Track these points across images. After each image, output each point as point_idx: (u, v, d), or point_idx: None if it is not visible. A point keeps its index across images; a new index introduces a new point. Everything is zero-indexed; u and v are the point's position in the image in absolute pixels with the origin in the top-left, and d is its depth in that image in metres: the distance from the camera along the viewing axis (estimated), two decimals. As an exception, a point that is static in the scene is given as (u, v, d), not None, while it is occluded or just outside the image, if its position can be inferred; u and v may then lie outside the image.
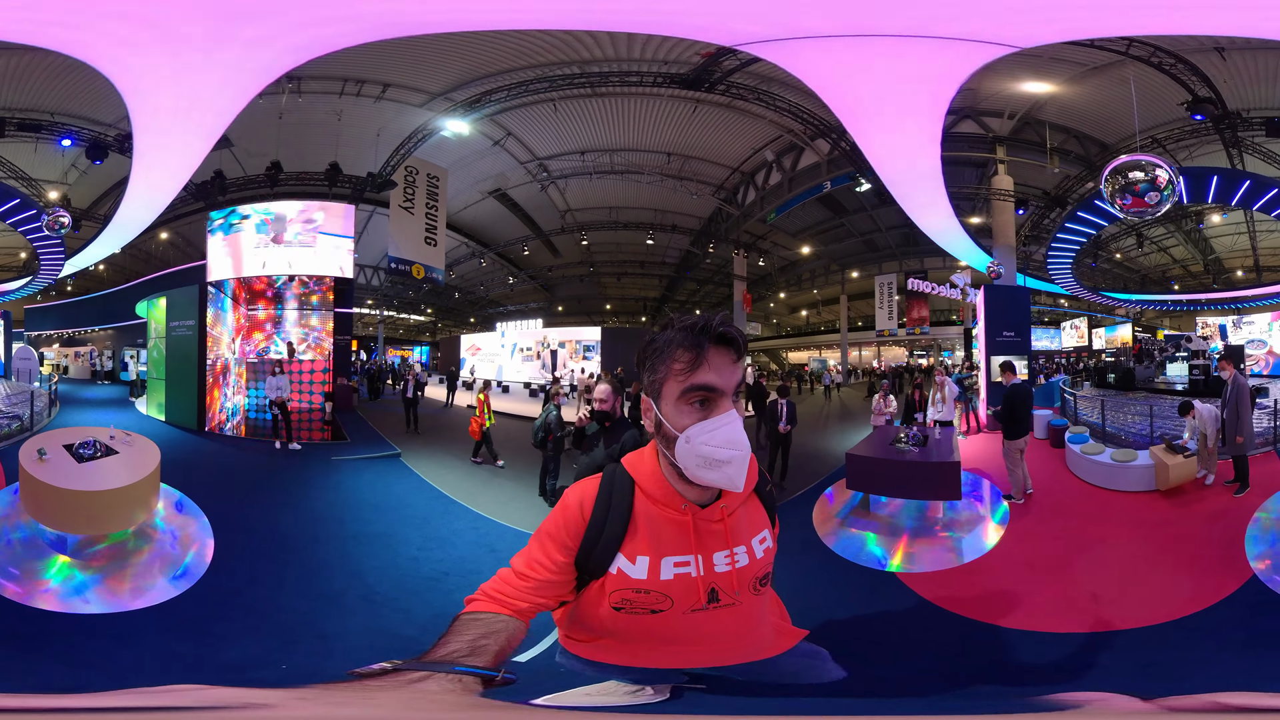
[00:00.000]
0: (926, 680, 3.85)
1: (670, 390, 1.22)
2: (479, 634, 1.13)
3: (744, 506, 1.39)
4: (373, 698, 0.85)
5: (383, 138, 10.29)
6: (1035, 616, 4.85)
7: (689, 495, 1.30)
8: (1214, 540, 5.79)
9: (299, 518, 6.91)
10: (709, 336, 1.19)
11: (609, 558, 1.29)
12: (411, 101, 9.74)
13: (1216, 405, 7.18)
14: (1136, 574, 5.46)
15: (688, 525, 1.30)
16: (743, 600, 1.34)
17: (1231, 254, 15.39)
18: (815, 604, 4.97)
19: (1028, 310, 11.62)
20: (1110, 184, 6.80)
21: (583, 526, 1.30)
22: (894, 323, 15.89)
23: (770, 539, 1.43)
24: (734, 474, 1.21)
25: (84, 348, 17.31)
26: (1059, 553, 6.06)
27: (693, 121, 10.59)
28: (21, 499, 5.44)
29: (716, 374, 1.19)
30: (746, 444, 1.21)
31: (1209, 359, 11.71)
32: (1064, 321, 20.15)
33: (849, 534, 6.30)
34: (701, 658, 1.36)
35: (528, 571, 1.29)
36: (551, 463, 6.95)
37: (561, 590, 1.31)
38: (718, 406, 1.21)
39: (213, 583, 5.11)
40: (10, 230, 10.68)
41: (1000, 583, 5.56)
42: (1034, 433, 9.07)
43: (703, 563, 1.30)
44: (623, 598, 1.29)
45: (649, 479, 1.32)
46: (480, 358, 17.99)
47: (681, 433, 1.20)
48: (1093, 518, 6.80)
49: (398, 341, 20.17)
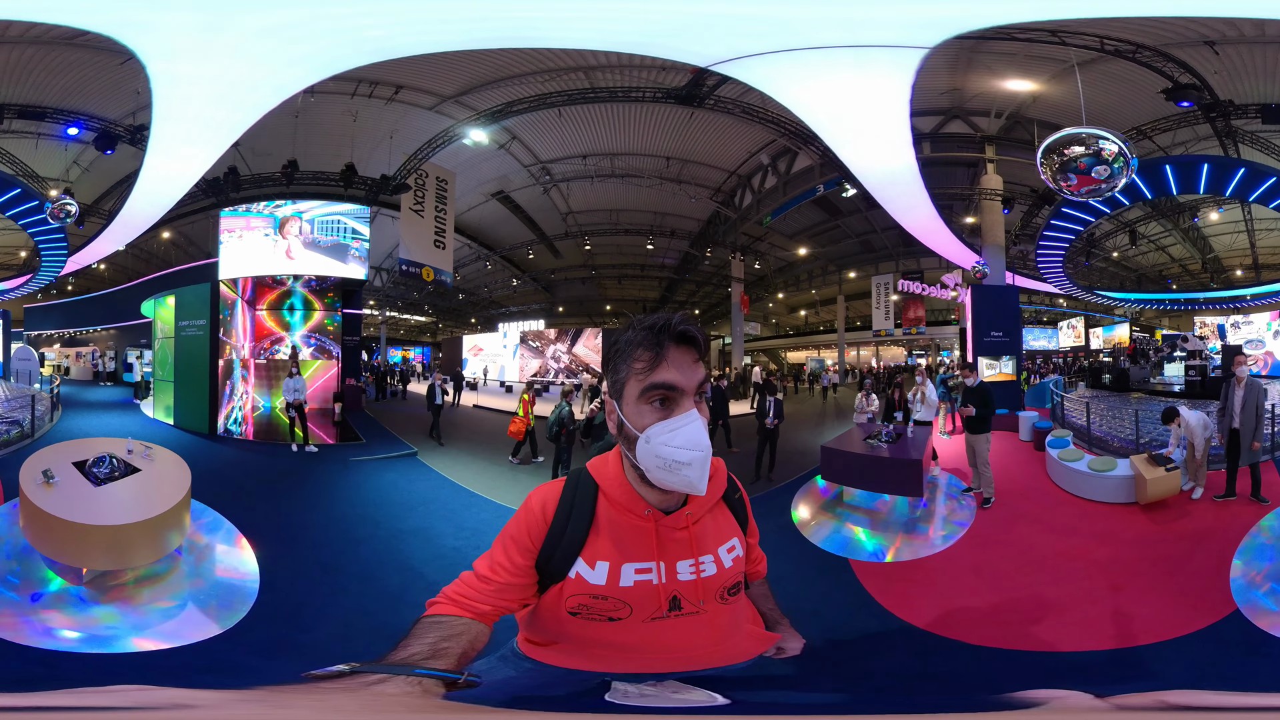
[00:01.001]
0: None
1: (631, 390, 1.22)
2: (440, 636, 1.14)
3: (711, 514, 1.38)
4: (326, 700, 0.85)
5: (397, 141, 10.52)
6: (959, 623, 4.66)
7: (652, 500, 1.30)
8: (1193, 565, 5.28)
9: (332, 521, 6.94)
10: (669, 335, 1.20)
11: (569, 562, 1.29)
12: (422, 104, 9.96)
13: (1206, 411, 6.87)
14: (1093, 594, 4.99)
15: (650, 531, 1.30)
16: (708, 609, 1.33)
17: (1230, 252, 15.34)
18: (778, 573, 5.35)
19: (1017, 310, 11.58)
20: (1047, 165, 6.44)
21: (544, 529, 1.30)
22: (890, 323, 16.07)
23: (740, 547, 1.41)
24: (693, 477, 1.20)
25: (85, 348, 17.25)
26: (1013, 561, 5.82)
27: (690, 126, 10.90)
28: (24, 530, 4.64)
29: (677, 372, 1.20)
30: (707, 445, 1.21)
31: (1206, 359, 11.44)
32: (1061, 321, 20.20)
33: (823, 520, 6.70)
34: (662, 665, 1.34)
35: (489, 574, 1.29)
36: (564, 454, 7.62)
37: (524, 593, 1.31)
38: (679, 406, 1.21)
39: (271, 600, 4.78)
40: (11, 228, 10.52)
41: (937, 584, 5.51)
42: (1018, 435, 9.34)
43: (665, 570, 1.30)
44: (579, 603, 1.29)
45: (612, 483, 1.32)
46: (482, 358, 18.45)
47: (642, 433, 1.21)
48: (1061, 529, 6.40)
49: (398, 342, 20.50)
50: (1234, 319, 16.43)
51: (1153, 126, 9.56)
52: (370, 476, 8.54)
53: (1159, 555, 5.68)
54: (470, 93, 9.68)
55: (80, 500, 4.60)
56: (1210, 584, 4.81)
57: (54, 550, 4.52)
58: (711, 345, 19.65)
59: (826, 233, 15.50)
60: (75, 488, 4.74)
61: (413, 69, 8.84)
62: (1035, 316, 20.07)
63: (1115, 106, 9.02)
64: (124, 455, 5.34)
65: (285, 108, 8.17)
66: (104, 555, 4.52)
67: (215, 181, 10.61)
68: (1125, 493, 6.69)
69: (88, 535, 4.41)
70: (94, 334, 16.82)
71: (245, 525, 5.78)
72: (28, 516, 4.57)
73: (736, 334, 16.52)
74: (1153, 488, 6.44)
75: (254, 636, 4.36)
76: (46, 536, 4.49)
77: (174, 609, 4.56)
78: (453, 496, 7.68)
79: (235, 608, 4.66)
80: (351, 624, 4.63)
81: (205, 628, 4.39)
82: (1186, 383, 10.93)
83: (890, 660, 4.26)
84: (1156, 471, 6.48)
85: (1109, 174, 6.16)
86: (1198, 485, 6.75)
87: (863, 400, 8.78)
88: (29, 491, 4.53)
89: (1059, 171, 6.26)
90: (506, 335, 18.18)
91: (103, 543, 4.47)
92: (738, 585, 1.40)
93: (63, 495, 4.59)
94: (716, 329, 18.90)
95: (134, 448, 5.53)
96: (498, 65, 9.09)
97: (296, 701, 0.84)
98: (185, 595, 4.75)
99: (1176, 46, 8.13)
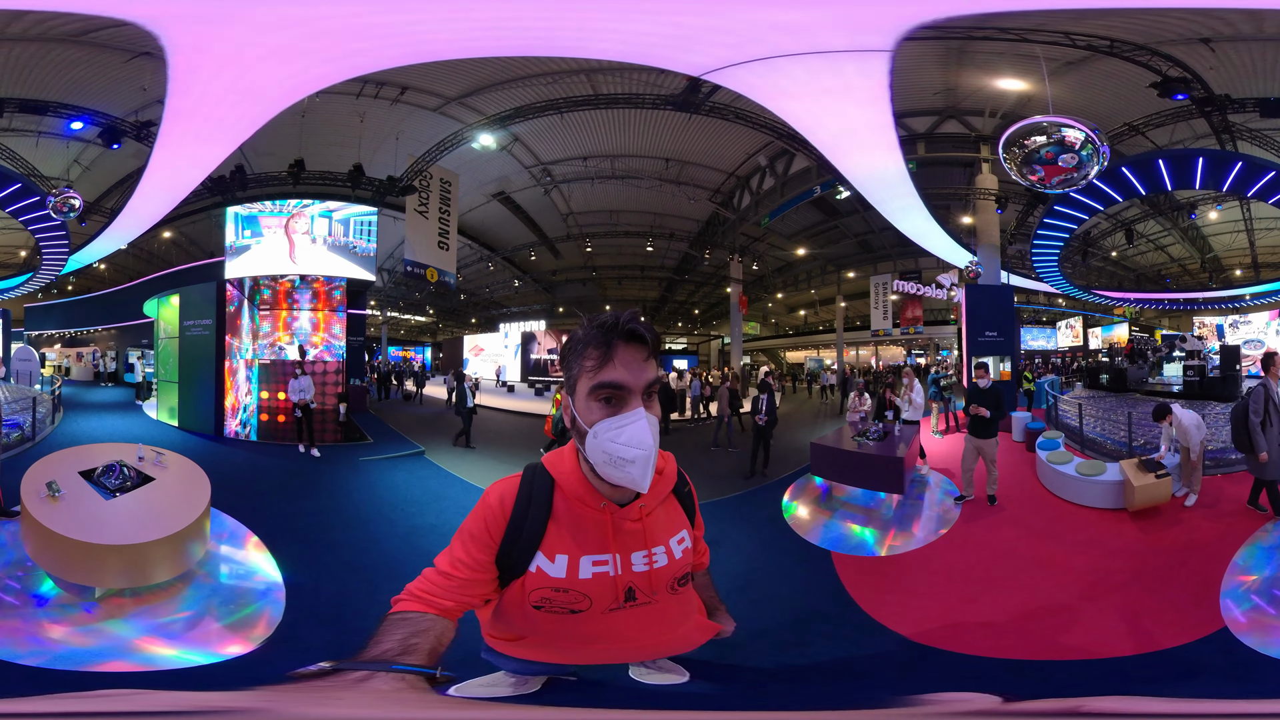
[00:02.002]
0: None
1: (581, 387, 1.25)
2: (408, 633, 1.16)
3: (662, 507, 1.43)
4: (333, 697, 0.88)
5: (403, 142, 10.71)
6: (910, 619, 4.61)
7: (606, 493, 1.33)
8: (1179, 578, 4.98)
9: (348, 521, 6.98)
10: (618, 334, 1.23)
11: (529, 556, 1.32)
12: (427, 105, 10.17)
13: (1202, 412, 6.55)
14: (1060, 604, 4.82)
15: (606, 524, 1.34)
16: (659, 600, 1.39)
17: (1230, 252, 15.37)
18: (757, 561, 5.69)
19: (1011, 310, 11.61)
20: (1010, 159, 6.22)
21: (504, 523, 1.33)
22: (889, 322, 16.25)
23: (689, 539, 1.47)
24: (637, 474, 1.23)
25: (86, 348, 17.34)
26: (986, 564, 5.71)
27: (689, 128, 11.09)
28: (28, 548, 4.30)
29: (624, 371, 1.22)
30: (651, 444, 1.23)
31: (1204, 359, 11.41)
32: (1060, 321, 20.40)
33: (812, 514, 6.94)
34: (621, 655, 1.43)
35: (451, 571, 1.32)
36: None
37: (485, 589, 1.34)
38: (626, 404, 1.24)
39: (305, 605, 4.65)
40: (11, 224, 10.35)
41: (905, 580, 5.54)
42: (1011, 435, 9.19)
43: (620, 562, 1.34)
44: (542, 596, 1.32)
45: (568, 477, 1.35)
46: (483, 358, 18.75)
47: (590, 428, 1.24)
48: (1043, 533, 6.22)
49: (398, 342, 20.74)
50: (1233, 319, 16.58)
51: (1146, 123, 9.53)
52: (382, 475, 8.66)
53: (1143, 567, 5.35)
54: (474, 94, 9.93)
55: (92, 516, 4.22)
56: (1196, 600, 4.47)
57: (63, 570, 4.15)
58: (711, 345, 19.91)
59: (825, 233, 15.68)
60: (85, 502, 4.36)
61: (418, 70, 9.00)
62: (1034, 316, 20.22)
63: (1110, 104, 9.14)
64: (134, 463, 4.95)
65: (291, 106, 8.37)
66: (120, 575, 4.17)
67: (220, 180, 10.68)
68: (1114, 498, 6.40)
69: (102, 555, 4.06)
70: (95, 334, 16.84)
71: (260, 529, 5.66)
72: (33, 534, 4.13)
73: (735, 334, 16.77)
74: (1140, 495, 6.14)
75: (308, 640, 4.24)
76: (54, 556, 4.11)
77: (194, 618, 4.26)
78: (461, 493, 7.84)
79: (263, 614, 4.45)
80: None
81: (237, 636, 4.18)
82: (1185, 383, 10.84)
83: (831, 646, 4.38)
84: (1146, 478, 6.17)
85: (1078, 162, 5.93)
86: (1191, 492, 6.29)
87: (855, 399, 9.07)
88: (33, 507, 4.14)
89: (1023, 164, 6.09)
90: (508, 335, 18.48)
91: (119, 562, 4.12)
92: (686, 576, 1.46)
93: (71, 511, 4.21)
94: (716, 329, 19.17)
95: (145, 454, 5.18)
96: (501, 68, 9.33)
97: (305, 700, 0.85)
98: (205, 603, 4.44)
99: (1170, 44, 8.11)
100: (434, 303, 20.08)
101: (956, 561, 5.83)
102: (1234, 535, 5.34)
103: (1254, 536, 5.31)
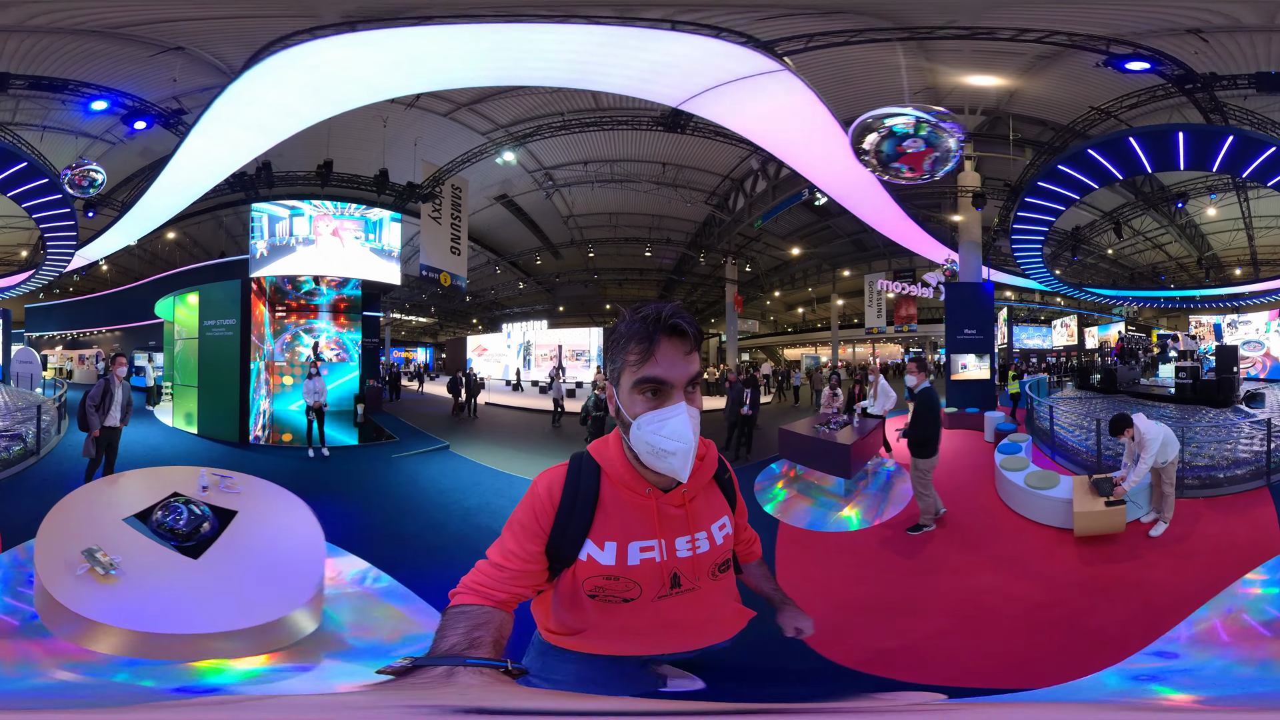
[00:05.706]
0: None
1: (625, 380, 1.31)
2: (470, 626, 1.21)
3: (705, 493, 1.48)
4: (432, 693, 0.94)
5: (420, 148, 11.47)
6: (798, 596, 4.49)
7: (650, 479, 1.39)
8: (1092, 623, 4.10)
9: (404, 513, 7.33)
10: (661, 328, 1.27)
11: (578, 544, 1.37)
12: (438, 110, 10.96)
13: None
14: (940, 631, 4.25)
15: (651, 509, 1.39)
16: (702, 586, 1.44)
17: (1229, 251, 15.53)
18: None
19: (990, 307, 11.60)
20: (871, 167, 6.21)
21: (552, 513, 1.38)
22: (883, 320, 16.91)
23: (730, 525, 1.51)
24: (678, 465, 1.29)
25: (89, 350, 17.04)
26: (897, 567, 5.34)
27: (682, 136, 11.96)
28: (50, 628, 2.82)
29: (667, 366, 1.28)
30: (691, 437, 1.28)
31: (1199, 360, 11.00)
32: (1055, 320, 20.85)
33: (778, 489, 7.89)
34: (670, 644, 1.47)
35: (503, 562, 1.37)
36: (593, 437, 8.93)
37: (537, 579, 1.39)
38: (668, 398, 1.29)
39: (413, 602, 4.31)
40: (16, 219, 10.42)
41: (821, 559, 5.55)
42: (984, 435, 9.33)
43: (665, 547, 1.39)
44: (595, 585, 1.37)
45: (614, 464, 1.41)
46: (486, 358, 19.78)
47: (634, 420, 1.31)
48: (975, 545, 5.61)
49: (401, 343, 21.59)
50: (1231, 318, 16.58)
51: (1117, 104, 8.97)
52: (418, 469, 9.19)
53: (1061, 601, 4.56)
54: (483, 101, 10.87)
55: (169, 594, 2.86)
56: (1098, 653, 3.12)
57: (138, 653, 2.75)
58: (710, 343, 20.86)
59: (818, 233, 16.47)
60: (152, 569, 2.92)
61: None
62: (1031, 315, 20.67)
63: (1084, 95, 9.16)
64: (198, 494, 3.80)
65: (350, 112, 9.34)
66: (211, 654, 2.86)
67: (243, 176, 10.85)
68: (1065, 517, 5.61)
69: (199, 644, 2.78)
70: (98, 335, 16.70)
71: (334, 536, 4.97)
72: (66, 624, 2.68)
73: (731, 333, 17.67)
74: (1084, 522, 5.29)
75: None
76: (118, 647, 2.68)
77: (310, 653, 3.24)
78: (493, 480, 8.53)
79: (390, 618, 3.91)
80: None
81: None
82: (1177, 386, 10.16)
83: None
84: (1094, 505, 5.28)
85: (923, 145, 5.79)
86: (1161, 519, 5.39)
87: (829, 395, 10.05)
88: (65, 595, 2.68)
89: (880, 165, 6.04)
90: (510, 335, 19.51)
91: (225, 647, 2.83)
92: (727, 562, 1.51)
93: (137, 591, 2.82)
94: (714, 327, 20.12)
95: (208, 480, 4.08)
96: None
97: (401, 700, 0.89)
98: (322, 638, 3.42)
99: (1156, 36, 7.70)
100: (439, 304, 20.91)
101: (871, 551, 5.81)
102: (1194, 583, 4.01)
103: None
